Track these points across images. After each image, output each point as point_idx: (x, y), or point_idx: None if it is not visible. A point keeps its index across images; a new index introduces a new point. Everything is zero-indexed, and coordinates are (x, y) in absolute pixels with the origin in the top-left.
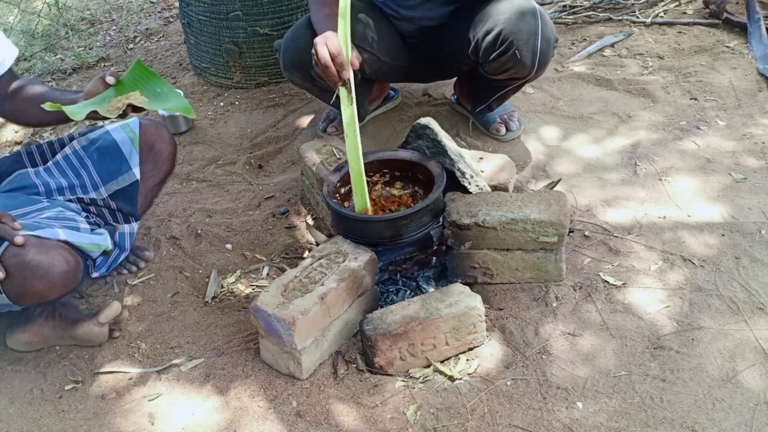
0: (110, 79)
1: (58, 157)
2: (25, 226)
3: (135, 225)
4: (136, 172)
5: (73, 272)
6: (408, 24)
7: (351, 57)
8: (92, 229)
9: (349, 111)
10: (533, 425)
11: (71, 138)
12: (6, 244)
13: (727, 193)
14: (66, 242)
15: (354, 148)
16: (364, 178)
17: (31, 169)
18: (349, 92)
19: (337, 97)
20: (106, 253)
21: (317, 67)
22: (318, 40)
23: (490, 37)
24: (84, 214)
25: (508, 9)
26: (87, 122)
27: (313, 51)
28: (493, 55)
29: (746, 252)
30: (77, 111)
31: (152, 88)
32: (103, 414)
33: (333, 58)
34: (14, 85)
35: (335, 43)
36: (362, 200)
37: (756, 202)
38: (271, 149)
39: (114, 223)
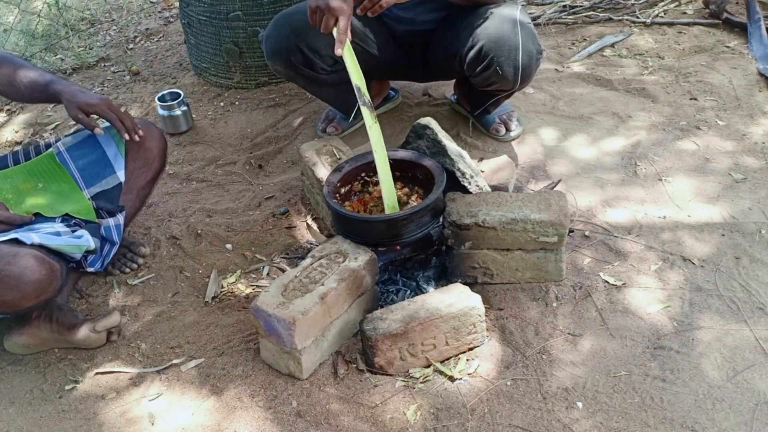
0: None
1: None
2: None
3: (120, 217)
4: (121, 175)
5: (47, 281)
6: (400, 24)
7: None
8: (73, 230)
9: (375, 129)
10: (533, 425)
11: (57, 139)
12: None
13: (726, 193)
14: (41, 246)
15: (384, 164)
16: (393, 186)
17: None
18: (372, 111)
19: (358, 111)
20: (92, 251)
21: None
22: None
23: (472, 53)
24: (62, 221)
25: (490, 23)
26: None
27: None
28: (477, 70)
29: (746, 252)
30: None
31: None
32: (103, 414)
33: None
34: None
35: None
36: (393, 205)
37: (756, 202)
38: (271, 149)
39: (97, 221)
